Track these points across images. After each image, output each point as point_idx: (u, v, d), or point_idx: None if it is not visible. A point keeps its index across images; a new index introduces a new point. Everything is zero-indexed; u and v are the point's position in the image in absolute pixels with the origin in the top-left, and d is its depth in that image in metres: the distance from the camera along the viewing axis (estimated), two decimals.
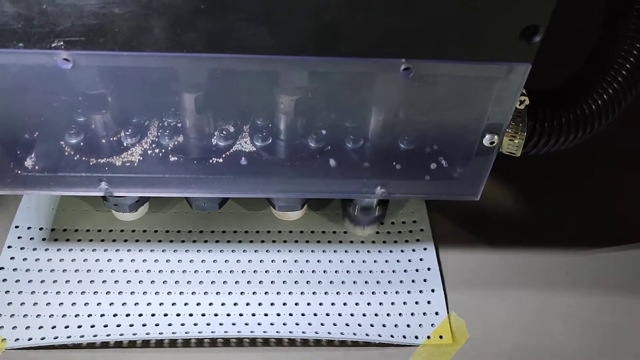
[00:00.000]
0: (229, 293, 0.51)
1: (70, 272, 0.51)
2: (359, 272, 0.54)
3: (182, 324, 0.48)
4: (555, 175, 0.63)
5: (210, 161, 0.45)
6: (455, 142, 0.44)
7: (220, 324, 0.48)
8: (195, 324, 0.48)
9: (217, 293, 0.51)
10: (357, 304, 0.51)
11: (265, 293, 0.51)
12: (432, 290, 0.52)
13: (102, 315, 0.49)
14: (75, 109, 0.44)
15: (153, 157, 0.45)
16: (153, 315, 0.49)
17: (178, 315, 0.49)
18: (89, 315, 0.48)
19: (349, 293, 0.52)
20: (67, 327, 0.47)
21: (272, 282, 0.52)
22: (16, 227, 0.54)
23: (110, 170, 0.45)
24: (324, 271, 0.53)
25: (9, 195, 0.56)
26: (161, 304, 0.50)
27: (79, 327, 0.48)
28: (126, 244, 0.54)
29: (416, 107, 0.43)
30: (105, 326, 0.48)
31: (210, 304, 0.50)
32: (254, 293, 0.51)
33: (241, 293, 0.51)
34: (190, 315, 0.49)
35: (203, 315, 0.49)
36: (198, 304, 0.50)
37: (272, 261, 0.53)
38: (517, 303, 0.52)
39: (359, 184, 0.46)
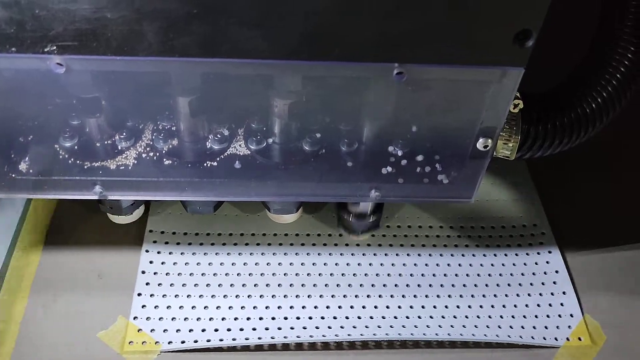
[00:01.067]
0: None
1: (209, 275, 0.52)
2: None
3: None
4: None
5: (205, 164, 0.45)
6: (449, 146, 0.44)
7: (216, 330, 0.48)
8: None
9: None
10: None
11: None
12: (564, 293, 0.53)
13: (248, 318, 0.49)
14: (69, 112, 0.44)
15: (147, 161, 0.45)
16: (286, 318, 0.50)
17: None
18: (235, 319, 0.49)
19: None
20: (216, 330, 0.48)
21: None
22: (150, 231, 0.55)
23: (104, 173, 0.45)
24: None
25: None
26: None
27: (228, 330, 0.48)
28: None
29: (410, 111, 0.43)
30: (254, 329, 0.49)
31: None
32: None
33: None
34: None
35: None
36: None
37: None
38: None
39: (354, 188, 0.46)
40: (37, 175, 0.44)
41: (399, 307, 0.51)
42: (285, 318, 0.50)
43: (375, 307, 0.51)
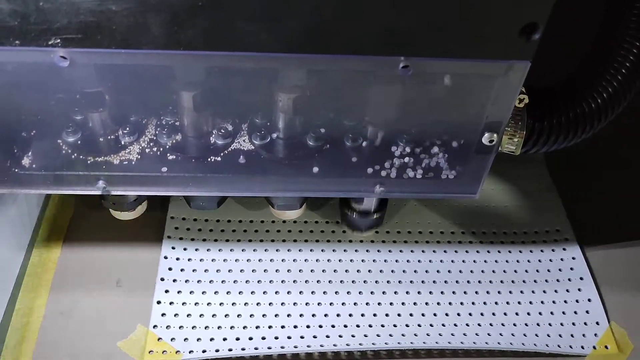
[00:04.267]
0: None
1: (225, 277, 0.52)
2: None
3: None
4: None
5: (209, 160, 0.45)
6: (454, 141, 0.44)
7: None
8: (194, 327, 0.48)
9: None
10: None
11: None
12: (589, 300, 0.53)
13: (270, 327, 0.49)
14: (72, 107, 0.44)
15: (151, 156, 0.45)
16: (313, 315, 0.50)
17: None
18: (257, 327, 0.49)
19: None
20: (237, 339, 0.48)
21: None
22: (168, 237, 0.55)
23: (108, 168, 0.44)
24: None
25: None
26: (307, 303, 0.51)
27: (250, 339, 0.48)
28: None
29: (415, 105, 0.43)
30: (277, 338, 0.48)
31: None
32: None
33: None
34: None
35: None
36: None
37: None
38: None
39: (358, 183, 0.46)
40: (40, 170, 0.44)
41: (403, 303, 0.51)
42: (276, 315, 0.50)
43: (379, 303, 0.51)
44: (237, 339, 0.48)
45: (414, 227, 0.57)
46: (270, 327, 0.49)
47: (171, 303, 0.50)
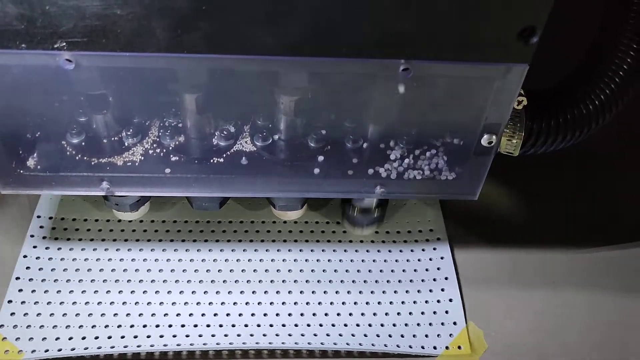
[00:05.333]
0: (229, 292, 0.51)
1: (86, 282, 0.51)
2: (367, 271, 0.54)
3: (182, 325, 0.48)
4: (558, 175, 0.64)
5: (211, 161, 0.46)
6: (453, 142, 0.45)
7: (220, 325, 0.49)
8: (195, 325, 0.49)
9: (217, 292, 0.51)
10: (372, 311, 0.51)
11: (265, 292, 0.51)
12: (450, 300, 0.52)
13: (119, 326, 0.48)
14: (76, 109, 0.44)
15: (154, 157, 0.46)
16: (153, 314, 0.49)
17: (178, 315, 0.49)
18: (106, 326, 0.48)
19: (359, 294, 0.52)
20: (84, 338, 0.47)
21: (271, 281, 0.52)
22: (31, 236, 0.54)
23: (111, 169, 0.45)
24: (323, 270, 0.53)
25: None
26: (161, 303, 0.50)
27: (96, 338, 0.47)
28: (127, 243, 0.54)
29: (415, 107, 0.43)
30: (123, 337, 0.47)
31: (210, 303, 0.50)
32: (253, 292, 0.51)
33: (241, 292, 0.51)
34: (190, 315, 0.49)
35: (203, 315, 0.49)
36: (198, 303, 0.50)
37: (272, 260, 0.54)
38: (537, 308, 0.52)
39: (359, 184, 0.47)
40: (45, 171, 0.45)
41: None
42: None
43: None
44: (84, 337, 0.47)
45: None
46: (119, 326, 0.48)
47: (22, 302, 0.49)
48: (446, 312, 0.51)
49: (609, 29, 0.48)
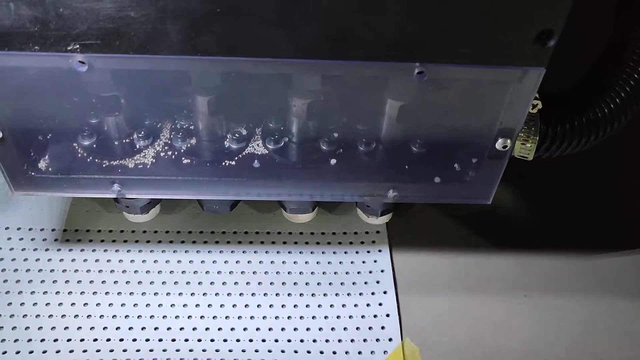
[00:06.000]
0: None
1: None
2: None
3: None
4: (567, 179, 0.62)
5: (223, 164, 0.46)
6: (467, 146, 0.44)
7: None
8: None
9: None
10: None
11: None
12: (387, 315, 0.50)
13: (130, 328, 0.48)
14: (89, 111, 0.44)
15: (166, 160, 0.46)
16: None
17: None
18: (122, 340, 0.47)
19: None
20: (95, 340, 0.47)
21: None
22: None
23: (123, 172, 0.45)
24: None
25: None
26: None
27: (108, 339, 0.47)
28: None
29: (429, 111, 0.43)
30: (125, 351, 0.47)
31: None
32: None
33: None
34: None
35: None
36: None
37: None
38: (475, 320, 0.50)
39: (371, 187, 0.46)
40: (57, 173, 0.45)
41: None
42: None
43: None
44: (165, 350, 0.47)
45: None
46: (199, 340, 0.47)
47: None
48: (382, 327, 0.49)
49: (623, 31, 0.47)
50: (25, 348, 0.46)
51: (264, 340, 0.48)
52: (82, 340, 0.47)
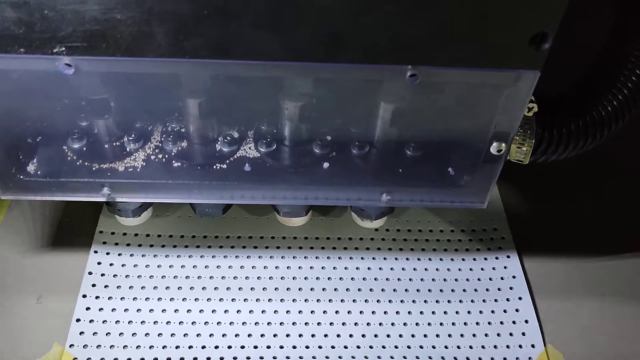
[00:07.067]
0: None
1: (154, 300, 0.50)
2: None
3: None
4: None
5: (214, 167, 0.45)
6: (462, 150, 0.44)
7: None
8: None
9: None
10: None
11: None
12: (526, 321, 0.50)
13: (190, 347, 0.47)
14: (77, 114, 0.44)
15: (156, 163, 0.45)
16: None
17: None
18: (177, 347, 0.47)
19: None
20: (155, 359, 0.46)
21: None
22: (95, 252, 0.53)
23: (112, 175, 0.44)
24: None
25: None
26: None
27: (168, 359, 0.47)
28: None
29: (422, 114, 0.42)
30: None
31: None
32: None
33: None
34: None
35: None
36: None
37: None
38: (614, 324, 0.50)
39: (365, 191, 0.46)
40: (45, 176, 0.44)
41: (409, 312, 0.50)
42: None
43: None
44: (155, 359, 0.46)
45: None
46: (190, 347, 0.47)
47: (91, 321, 0.48)
48: (523, 334, 0.49)
49: (621, 33, 0.47)
50: None
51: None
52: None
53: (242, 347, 0.47)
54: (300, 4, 0.34)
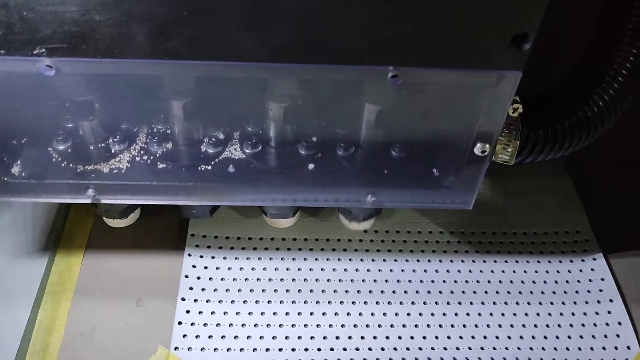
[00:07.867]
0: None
1: (251, 302, 0.51)
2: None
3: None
4: None
5: (199, 168, 0.45)
6: (446, 151, 0.44)
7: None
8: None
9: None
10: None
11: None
12: (619, 324, 0.50)
13: (293, 349, 0.48)
14: (61, 115, 0.44)
15: (141, 164, 0.45)
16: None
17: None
18: (280, 350, 0.48)
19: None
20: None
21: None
22: (189, 255, 0.54)
23: (97, 177, 0.44)
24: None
25: None
26: (262, 313, 0.50)
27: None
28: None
29: (406, 115, 0.42)
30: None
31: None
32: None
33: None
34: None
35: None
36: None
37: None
38: None
39: (350, 192, 0.46)
40: (30, 178, 0.44)
41: (396, 314, 0.50)
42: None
43: (372, 314, 0.50)
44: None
45: (406, 236, 0.57)
46: (293, 349, 0.48)
47: (192, 324, 0.49)
48: (617, 335, 0.49)
49: (607, 32, 0.47)
50: None
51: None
52: None
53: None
54: (280, 5, 0.34)
